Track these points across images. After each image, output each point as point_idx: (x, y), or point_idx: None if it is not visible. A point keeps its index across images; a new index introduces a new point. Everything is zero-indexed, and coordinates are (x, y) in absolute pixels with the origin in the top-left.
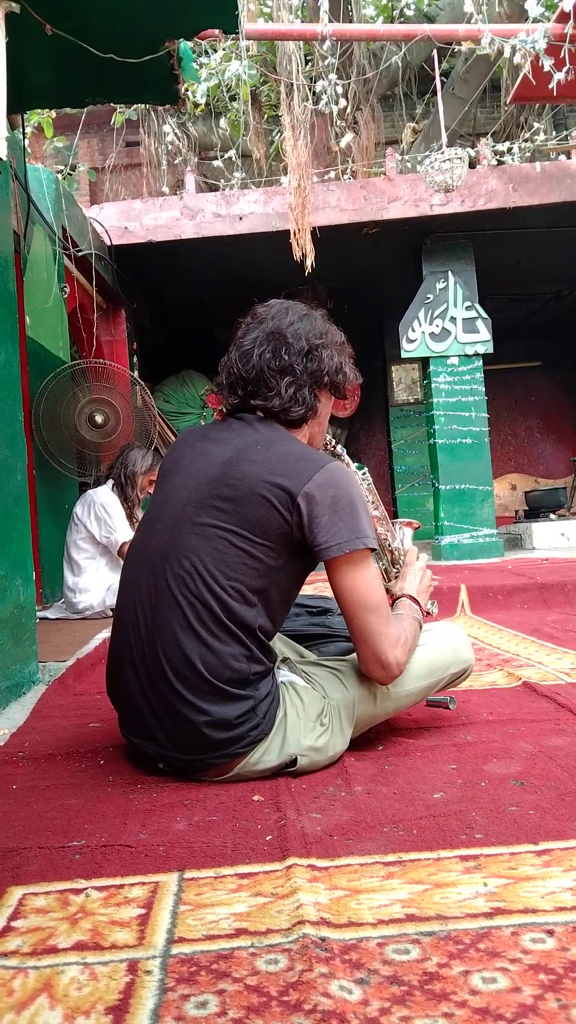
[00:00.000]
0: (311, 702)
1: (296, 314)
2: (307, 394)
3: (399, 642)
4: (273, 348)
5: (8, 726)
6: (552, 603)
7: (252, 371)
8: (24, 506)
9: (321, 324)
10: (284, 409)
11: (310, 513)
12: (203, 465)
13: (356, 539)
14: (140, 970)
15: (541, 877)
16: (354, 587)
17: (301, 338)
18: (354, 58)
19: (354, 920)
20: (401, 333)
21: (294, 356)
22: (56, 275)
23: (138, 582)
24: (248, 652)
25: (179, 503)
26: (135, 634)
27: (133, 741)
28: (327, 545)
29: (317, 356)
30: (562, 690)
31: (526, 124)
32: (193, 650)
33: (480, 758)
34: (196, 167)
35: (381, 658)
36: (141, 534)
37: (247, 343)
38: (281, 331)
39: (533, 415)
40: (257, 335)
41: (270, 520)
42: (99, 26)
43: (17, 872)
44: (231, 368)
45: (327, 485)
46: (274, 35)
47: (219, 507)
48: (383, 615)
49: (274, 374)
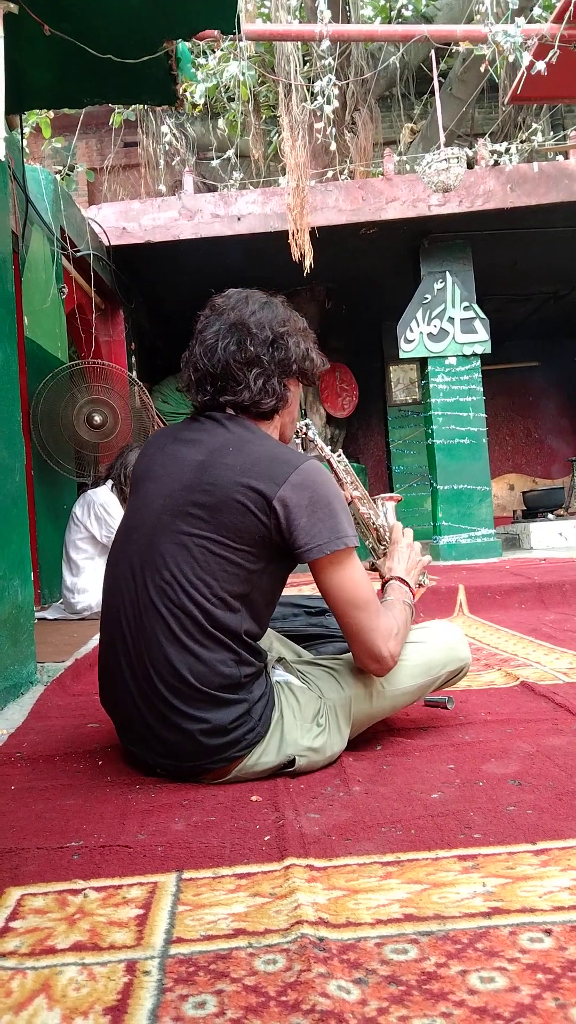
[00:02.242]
0: (307, 702)
1: (256, 303)
2: (276, 384)
3: (391, 634)
4: (237, 340)
5: (6, 727)
6: (550, 603)
7: (218, 365)
8: (22, 507)
9: (283, 311)
10: (255, 402)
11: (287, 516)
12: (176, 470)
13: (336, 539)
14: (138, 970)
15: (539, 877)
16: (340, 586)
17: (265, 327)
18: (352, 59)
19: (352, 920)
20: (399, 333)
21: (260, 346)
22: (54, 276)
23: (120, 593)
24: (236, 656)
25: (154, 510)
26: (122, 646)
27: (129, 749)
28: (308, 547)
29: (283, 344)
30: (560, 690)
31: (524, 124)
32: (180, 660)
33: (478, 758)
34: (194, 168)
35: (374, 652)
36: (119, 543)
37: (209, 337)
38: (244, 321)
39: (531, 415)
40: (219, 327)
41: (248, 525)
42: (97, 27)
43: (15, 872)
44: (196, 364)
45: (303, 486)
46: (272, 35)
47: (195, 514)
48: (372, 610)
49: (241, 366)
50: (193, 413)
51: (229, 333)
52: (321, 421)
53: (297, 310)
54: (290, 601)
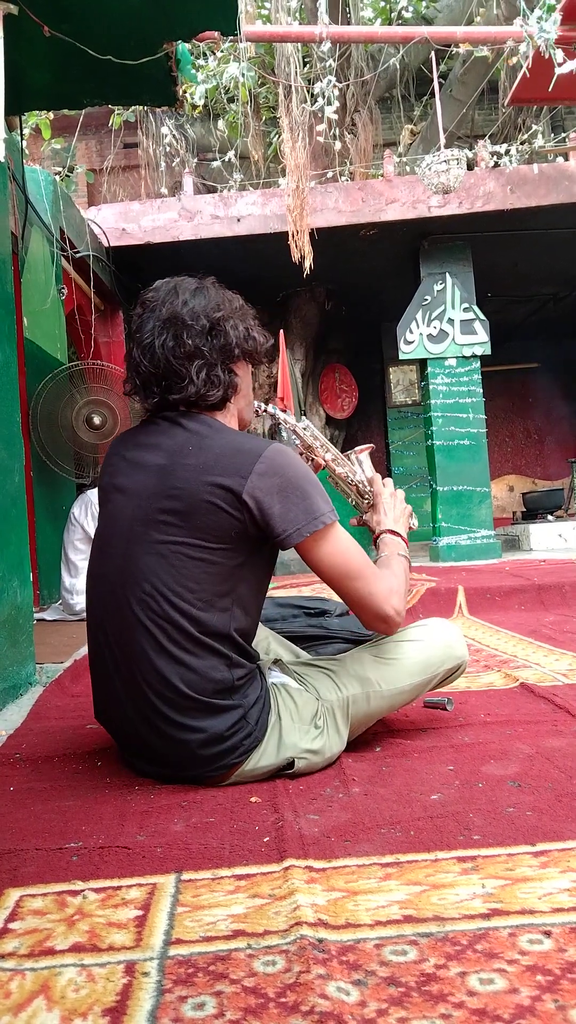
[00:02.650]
0: (304, 704)
1: (186, 291)
2: (221, 373)
3: (392, 593)
4: (174, 334)
5: (5, 728)
6: (550, 604)
7: (159, 364)
8: (21, 507)
9: (216, 295)
10: (202, 395)
11: (260, 507)
12: (141, 478)
13: (313, 520)
14: (137, 972)
15: (538, 878)
16: (330, 562)
17: (200, 316)
18: (352, 60)
19: (351, 921)
20: (399, 335)
21: (197, 337)
22: (54, 277)
23: (103, 610)
24: (227, 660)
25: (126, 522)
26: (112, 664)
27: (129, 761)
28: (286, 533)
29: (221, 330)
30: (559, 691)
31: (524, 126)
32: (171, 671)
33: (477, 759)
34: (194, 169)
35: (380, 614)
36: (95, 558)
37: (146, 336)
38: (177, 314)
39: (531, 416)
40: (153, 325)
41: (221, 523)
42: (97, 28)
43: (14, 874)
44: (138, 367)
45: (270, 474)
46: (272, 37)
47: (167, 521)
48: (368, 575)
49: (182, 361)
50: (147, 416)
51: (164, 329)
52: (320, 422)
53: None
54: (289, 602)
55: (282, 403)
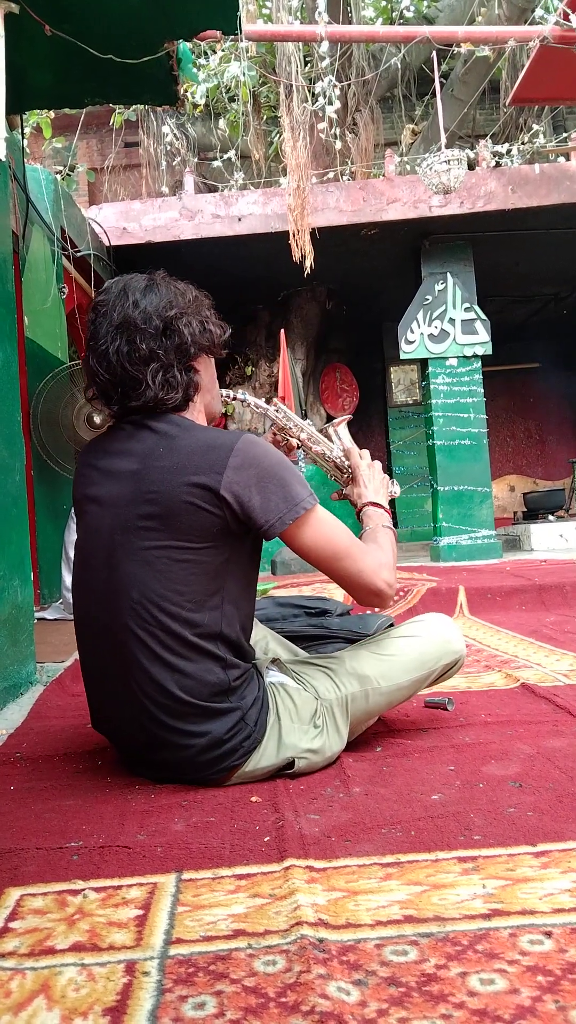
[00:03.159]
0: (303, 704)
1: (137, 292)
2: (179, 373)
3: (381, 566)
4: (127, 339)
5: (6, 727)
6: (550, 604)
7: (115, 372)
8: (22, 507)
9: (167, 291)
10: (161, 400)
11: (239, 501)
12: (115, 486)
13: (293, 507)
14: (138, 971)
15: (539, 879)
16: (314, 545)
17: (152, 317)
18: (353, 59)
19: (352, 921)
20: (400, 334)
21: (151, 340)
22: (55, 276)
23: (92, 623)
24: (222, 661)
25: (106, 533)
26: (105, 674)
27: (130, 767)
28: (268, 524)
29: (175, 329)
30: (560, 691)
31: (525, 126)
32: (166, 678)
33: (478, 759)
34: (195, 168)
35: (372, 589)
36: (79, 572)
37: (100, 343)
38: (129, 318)
39: (532, 416)
40: (106, 330)
41: (202, 522)
42: (98, 27)
43: (15, 873)
44: (95, 375)
45: (245, 466)
46: (273, 36)
47: (147, 526)
48: (355, 553)
49: (137, 367)
50: (114, 421)
51: (117, 334)
52: (321, 421)
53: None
54: (290, 602)
55: (283, 402)
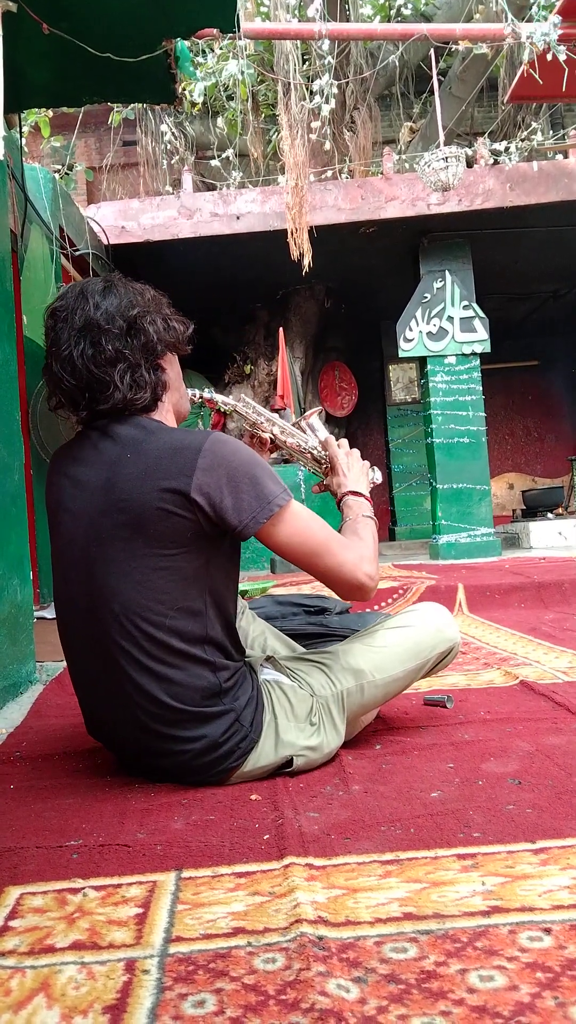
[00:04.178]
0: (299, 702)
1: (96, 294)
2: (146, 373)
3: (362, 559)
4: (91, 341)
5: (5, 726)
6: (549, 602)
7: (81, 376)
8: (21, 506)
9: (126, 291)
10: (130, 400)
11: (211, 503)
12: (86, 496)
13: (267, 505)
14: (138, 969)
15: (538, 875)
16: (292, 543)
17: (115, 317)
18: (351, 57)
19: (352, 919)
20: (398, 332)
21: (116, 340)
22: (53, 274)
23: (77, 635)
24: (210, 664)
25: (80, 545)
26: (95, 685)
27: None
28: (243, 524)
29: (140, 328)
30: (559, 689)
31: (523, 123)
32: (155, 687)
33: (477, 757)
34: (193, 166)
35: (354, 584)
36: (59, 585)
37: (63, 348)
38: (91, 319)
39: (530, 414)
40: (69, 335)
41: (176, 527)
42: (96, 25)
43: (14, 871)
44: (60, 382)
45: (214, 467)
46: (271, 34)
47: (121, 536)
48: (333, 548)
49: (104, 368)
50: (82, 428)
51: (81, 337)
52: (320, 420)
53: (296, 309)
54: (289, 600)
55: (282, 400)
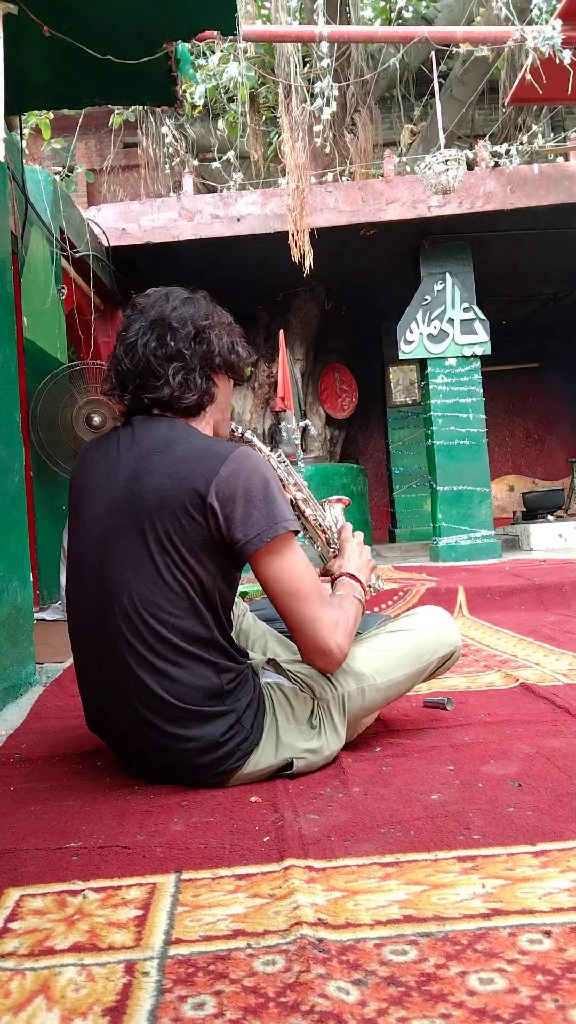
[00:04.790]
0: (300, 705)
1: (178, 299)
2: (199, 379)
3: (337, 626)
4: (158, 335)
5: (5, 728)
6: (550, 604)
7: (139, 363)
8: (21, 507)
9: (205, 306)
10: (176, 397)
11: (224, 510)
12: (110, 487)
13: (275, 525)
14: (137, 971)
15: (539, 878)
16: (280, 576)
17: (187, 322)
18: (352, 60)
19: (351, 921)
20: (399, 334)
21: (181, 341)
22: (54, 276)
23: (85, 626)
24: (214, 665)
25: (98, 535)
26: (100, 678)
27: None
28: (246, 539)
29: (205, 338)
30: (559, 691)
31: (524, 126)
32: (157, 684)
33: (478, 759)
34: (194, 169)
35: (319, 645)
36: (72, 574)
37: (131, 335)
38: (165, 317)
39: (531, 416)
40: (140, 326)
41: (189, 529)
42: (97, 27)
43: (14, 873)
44: (118, 365)
45: (234, 476)
46: (272, 37)
47: (137, 530)
48: (315, 600)
49: (161, 362)
50: (122, 421)
51: (150, 330)
52: (321, 422)
53: (297, 311)
54: None
55: (282, 402)
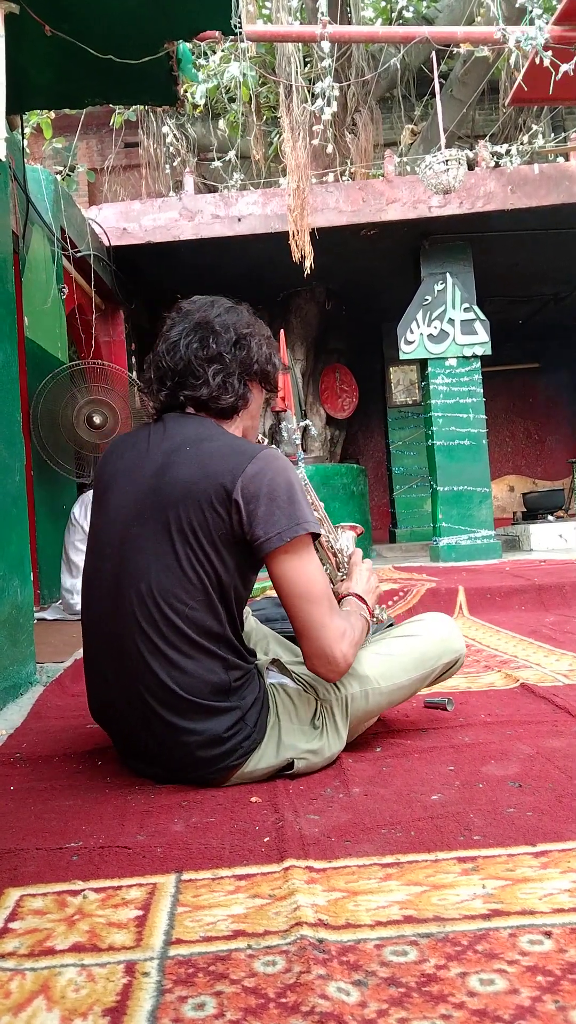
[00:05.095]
0: (303, 705)
1: (222, 307)
2: (236, 383)
3: (343, 635)
4: (200, 338)
5: (6, 727)
6: (550, 605)
7: (180, 362)
8: (22, 507)
9: (248, 316)
10: (213, 397)
11: (247, 507)
12: (136, 477)
13: (296, 525)
14: (138, 972)
15: (539, 879)
16: (295, 577)
17: (229, 328)
18: (353, 60)
19: (352, 922)
20: (399, 335)
21: (223, 345)
22: (55, 276)
23: (100, 611)
24: (224, 661)
25: (121, 523)
26: (108, 664)
27: (129, 763)
28: (266, 537)
29: (246, 345)
30: (560, 691)
31: (524, 126)
32: (166, 674)
33: (478, 760)
34: (195, 168)
35: (325, 651)
36: (92, 560)
37: (174, 335)
38: (208, 321)
39: (531, 417)
40: (184, 327)
41: (212, 521)
42: (98, 27)
43: (14, 873)
44: (159, 362)
45: (261, 474)
46: (273, 36)
47: (160, 520)
48: (325, 607)
49: (202, 363)
50: (154, 418)
51: (193, 332)
52: (321, 422)
53: (297, 311)
54: None
55: (283, 403)
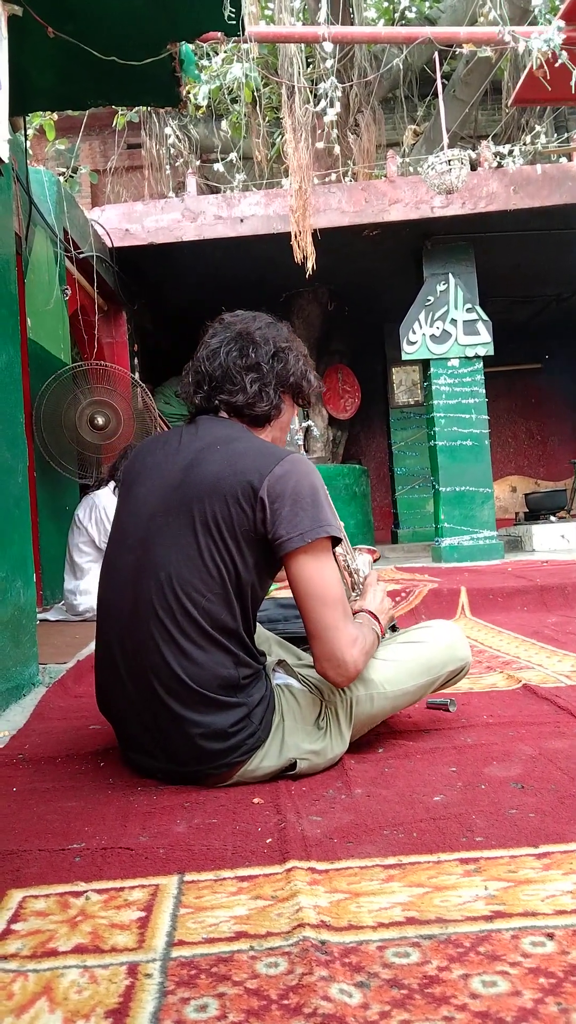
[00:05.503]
0: (308, 705)
1: (263, 321)
2: (272, 392)
3: (355, 641)
4: (240, 347)
5: (8, 728)
6: (552, 605)
7: (218, 369)
8: (25, 508)
9: (287, 332)
10: (248, 404)
11: (272, 506)
12: (165, 472)
13: (318, 527)
14: (140, 973)
15: (541, 880)
16: (312, 578)
17: (269, 341)
18: (355, 61)
19: (354, 923)
20: (402, 335)
21: (261, 356)
22: (57, 277)
23: (117, 598)
24: (234, 657)
25: (146, 515)
26: (120, 651)
27: (131, 757)
28: (288, 537)
29: (284, 358)
30: (562, 692)
31: (527, 126)
32: (177, 663)
33: (480, 761)
34: (197, 169)
35: (336, 655)
36: (113, 548)
37: (214, 343)
38: (249, 333)
39: (533, 417)
40: (225, 336)
41: (236, 518)
42: (101, 28)
43: (17, 875)
44: (198, 367)
45: (288, 476)
46: (275, 37)
47: (185, 513)
48: (340, 610)
49: (240, 371)
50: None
51: (233, 341)
52: (323, 423)
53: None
54: (291, 603)
55: None
